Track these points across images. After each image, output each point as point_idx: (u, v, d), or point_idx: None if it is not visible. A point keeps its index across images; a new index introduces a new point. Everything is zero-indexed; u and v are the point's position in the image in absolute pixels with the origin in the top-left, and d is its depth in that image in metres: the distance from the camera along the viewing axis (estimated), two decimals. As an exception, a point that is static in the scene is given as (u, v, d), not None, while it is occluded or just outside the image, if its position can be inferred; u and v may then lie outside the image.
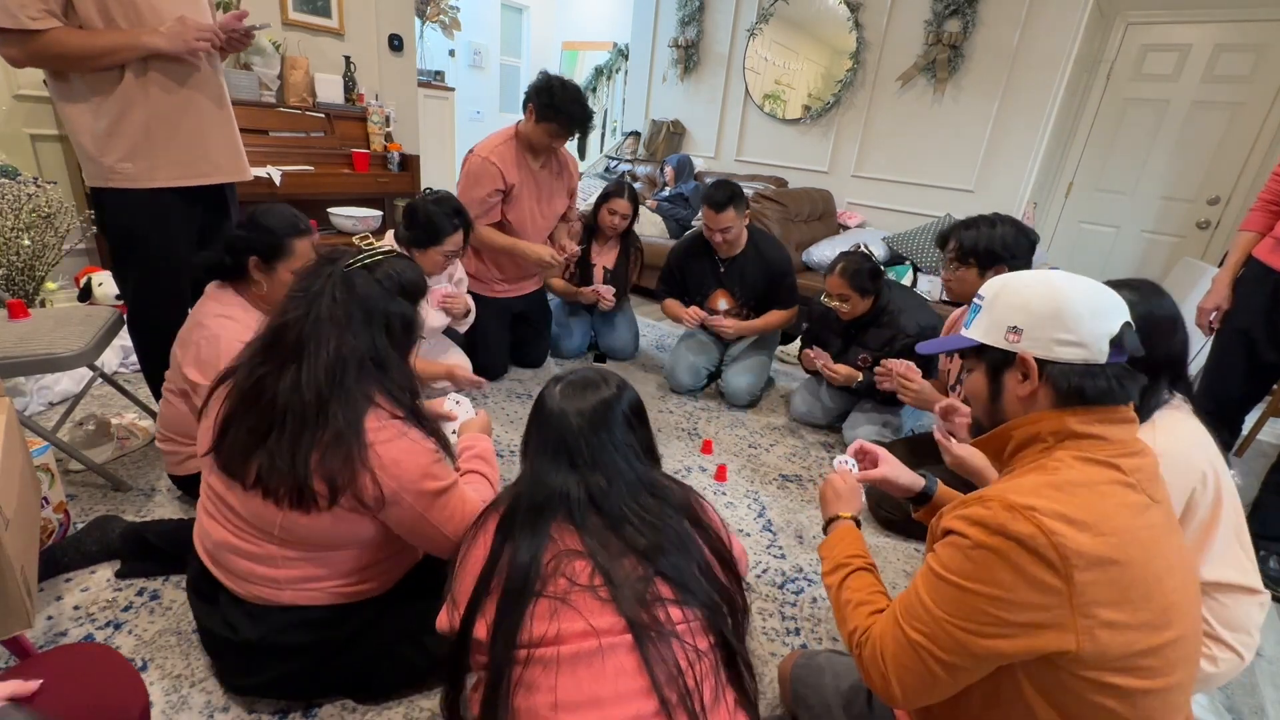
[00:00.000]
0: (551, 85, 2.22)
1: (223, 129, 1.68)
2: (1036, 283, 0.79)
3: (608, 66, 6.22)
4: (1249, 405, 1.93)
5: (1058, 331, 0.76)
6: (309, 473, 0.91)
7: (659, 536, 0.79)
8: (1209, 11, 3.36)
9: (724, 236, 2.39)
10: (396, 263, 1.06)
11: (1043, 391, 0.77)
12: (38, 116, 2.71)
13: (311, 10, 3.35)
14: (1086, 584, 0.64)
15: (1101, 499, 0.69)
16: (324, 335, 0.95)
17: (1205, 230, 3.56)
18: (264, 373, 0.96)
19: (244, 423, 0.97)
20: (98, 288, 2.55)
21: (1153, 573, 0.67)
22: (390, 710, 1.16)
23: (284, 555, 1.00)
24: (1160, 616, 0.67)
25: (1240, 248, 1.87)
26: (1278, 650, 1.61)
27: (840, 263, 2.13)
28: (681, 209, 4.19)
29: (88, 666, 0.73)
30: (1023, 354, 0.78)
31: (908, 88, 3.85)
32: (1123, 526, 0.67)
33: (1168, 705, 0.70)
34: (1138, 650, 0.66)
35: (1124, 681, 0.66)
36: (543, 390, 0.89)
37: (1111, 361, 0.75)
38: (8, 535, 0.93)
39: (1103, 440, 0.73)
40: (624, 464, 0.83)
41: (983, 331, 0.82)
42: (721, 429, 2.44)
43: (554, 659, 0.72)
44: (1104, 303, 0.76)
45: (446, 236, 1.94)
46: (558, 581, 0.75)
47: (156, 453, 1.86)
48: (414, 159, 3.58)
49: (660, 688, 0.70)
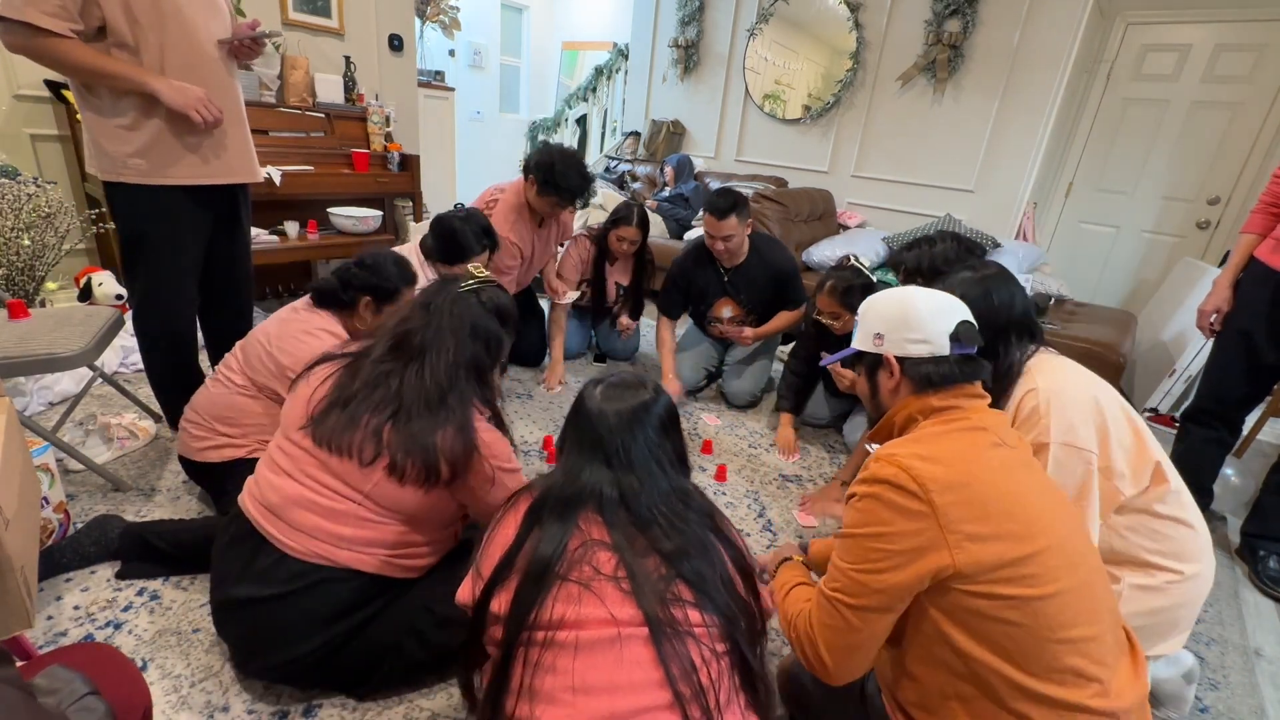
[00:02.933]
0: (552, 161, 2.25)
1: (236, 130, 1.70)
2: (892, 297, 0.98)
3: (608, 66, 6.21)
4: (1249, 406, 1.93)
5: (907, 332, 0.93)
6: (438, 455, 1.09)
7: (684, 541, 0.82)
8: (1209, 11, 3.36)
9: (725, 245, 2.36)
10: (494, 290, 1.26)
11: (904, 383, 0.95)
12: (38, 116, 2.71)
13: (311, 10, 3.35)
14: (947, 504, 0.77)
15: (951, 440, 0.85)
16: (445, 343, 1.15)
17: (1205, 230, 3.56)
18: (387, 369, 1.14)
19: (360, 407, 1.11)
20: (98, 288, 2.54)
21: (1006, 492, 0.80)
22: (390, 710, 1.16)
23: (360, 515, 1.10)
24: (1024, 528, 0.78)
25: (1241, 249, 1.87)
26: (1278, 650, 1.61)
27: (830, 280, 2.05)
28: (681, 209, 4.19)
29: (91, 666, 0.73)
30: (885, 354, 0.95)
31: (908, 88, 3.85)
32: (970, 457, 0.82)
33: (1065, 610, 0.77)
34: (1010, 559, 0.76)
35: (1010, 590, 0.76)
36: (582, 389, 0.94)
37: (954, 353, 0.92)
38: (8, 535, 0.93)
39: (958, 409, 0.90)
40: (656, 468, 0.87)
41: (859, 341, 1.01)
42: (721, 429, 2.44)
43: (574, 643, 0.73)
44: (943, 306, 0.95)
45: (473, 255, 1.98)
46: (583, 569, 0.78)
47: (157, 453, 1.86)
48: (414, 159, 3.58)
49: (674, 681, 0.72)
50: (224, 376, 1.54)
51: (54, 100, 2.66)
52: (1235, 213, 3.43)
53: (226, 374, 1.54)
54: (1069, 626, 0.77)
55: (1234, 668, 1.53)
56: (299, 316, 1.53)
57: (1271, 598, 1.80)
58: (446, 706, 1.19)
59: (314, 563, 1.08)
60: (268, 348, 1.49)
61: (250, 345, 1.53)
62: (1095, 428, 1.11)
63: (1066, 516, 0.85)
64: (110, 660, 0.82)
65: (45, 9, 1.36)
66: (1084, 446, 1.09)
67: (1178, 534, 1.15)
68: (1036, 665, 0.76)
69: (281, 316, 1.55)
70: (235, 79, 1.69)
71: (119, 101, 1.50)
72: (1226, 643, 1.61)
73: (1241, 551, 1.96)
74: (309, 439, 1.13)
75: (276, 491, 1.12)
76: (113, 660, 0.82)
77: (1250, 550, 1.92)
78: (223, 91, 1.64)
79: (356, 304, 1.53)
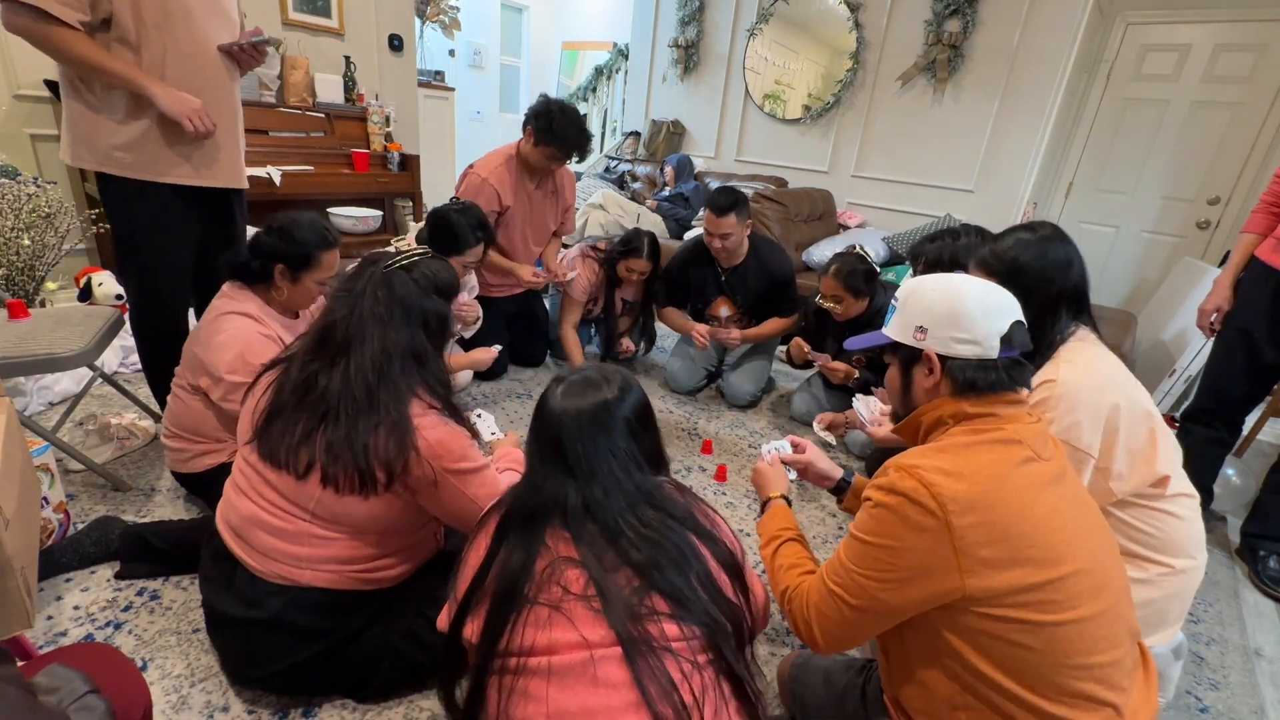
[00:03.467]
0: (551, 110, 2.24)
1: (229, 137, 1.70)
2: (940, 286, 0.89)
3: (608, 66, 6.21)
4: (1250, 406, 1.93)
5: (955, 330, 0.85)
6: (370, 460, 0.98)
7: (656, 552, 0.77)
8: (1209, 11, 3.36)
9: (723, 243, 2.35)
10: (431, 263, 1.14)
11: (944, 383, 0.87)
12: (38, 116, 2.71)
13: (311, 10, 3.35)
14: (965, 526, 0.73)
15: (978, 454, 0.79)
16: (368, 332, 1.03)
17: (1205, 230, 3.56)
18: (315, 369, 1.04)
19: (295, 414, 1.03)
20: (98, 288, 2.54)
21: (1033, 514, 0.74)
22: (390, 710, 1.16)
23: (311, 533, 1.04)
24: (1047, 553, 0.74)
25: (1242, 249, 1.87)
26: (1278, 650, 1.61)
27: (834, 264, 2.12)
28: (681, 209, 4.19)
29: (91, 666, 0.72)
30: (927, 350, 0.87)
31: (908, 88, 3.85)
32: (998, 475, 0.76)
33: (1085, 637, 0.74)
34: (1028, 585, 0.73)
35: (1025, 615, 0.73)
36: (545, 389, 0.86)
37: (1003, 356, 0.84)
38: (8, 535, 0.92)
39: (994, 416, 0.83)
40: (622, 473, 0.80)
41: (897, 330, 0.92)
42: (721, 429, 2.44)
43: (546, 669, 0.71)
44: (996, 305, 0.86)
45: (468, 248, 1.97)
46: (551, 589, 0.74)
47: (157, 452, 1.86)
48: (414, 159, 3.58)
49: (653, 703, 0.68)
50: (176, 385, 1.51)
51: (54, 100, 2.66)
52: (1235, 213, 3.43)
53: (177, 382, 1.51)
54: (1088, 653, 0.74)
55: (1234, 668, 1.53)
56: (217, 303, 1.45)
57: (1271, 598, 1.80)
58: (446, 706, 1.19)
59: (279, 584, 1.05)
60: (192, 345, 1.45)
61: (185, 347, 1.49)
62: (1103, 431, 1.09)
63: (1097, 535, 0.81)
64: (110, 660, 0.82)
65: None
66: (1083, 448, 1.08)
67: (1171, 527, 1.15)
68: (1049, 688, 0.73)
69: (210, 306, 1.48)
70: (236, 85, 1.69)
71: (109, 95, 1.49)
72: (1226, 643, 1.61)
73: (1241, 551, 1.96)
74: (255, 454, 1.06)
75: (236, 512, 1.08)
76: (113, 660, 0.82)
77: (1250, 550, 1.92)
78: (222, 96, 1.64)
79: (272, 274, 1.43)
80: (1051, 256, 1.15)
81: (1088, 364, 1.12)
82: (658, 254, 2.62)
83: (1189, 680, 1.46)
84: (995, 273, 1.20)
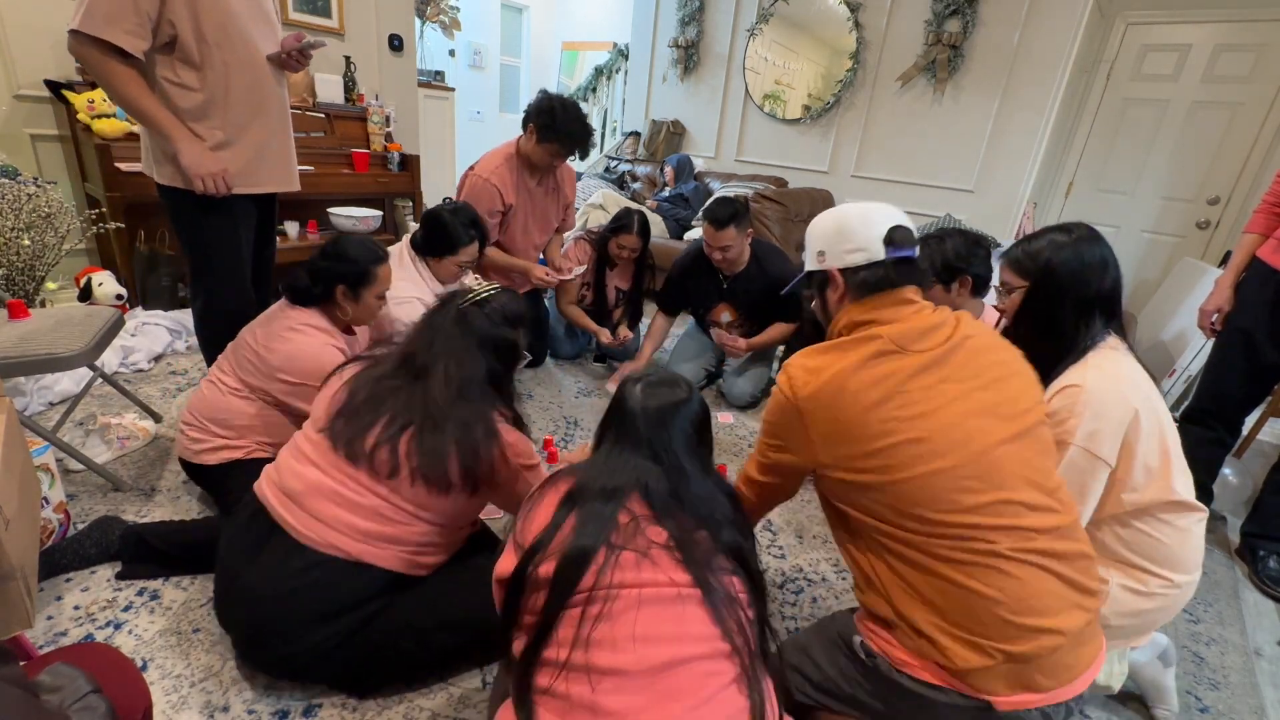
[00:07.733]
0: (553, 106, 2.22)
1: (284, 141, 1.78)
2: (828, 214, 1.06)
3: (608, 66, 6.22)
4: (1250, 406, 1.93)
5: (844, 243, 1.00)
6: (470, 462, 1.13)
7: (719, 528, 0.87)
8: (1209, 11, 3.36)
9: (724, 255, 2.34)
10: (501, 297, 1.28)
11: (847, 294, 1.01)
12: (38, 116, 2.71)
13: (311, 10, 3.35)
14: (809, 411, 0.93)
15: (841, 352, 0.95)
16: (445, 363, 1.17)
17: (1205, 230, 3.56)
18: (397, 384, 1.17)
19: (367, 417, 1.14)
20: (98, 288, 2.54)
21: (867, 398, 0.89)
22: (390, 710, 1.16)
23: (380, 511, 1.12)
24: (877, 429, 0.88)
25: (1243, 249, 1.87)
26: (1278, 650, 1.61)
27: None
28: (681, 209, 4.19)
29: (92, 667, 0.72)
30: (830, 270, 1.02)
31: (908, 88, 3.86)
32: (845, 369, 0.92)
33: (931, 487, 0.87)
34: (857, 454, 0.90)
35: (864, 478, 0.90)
36: (621, 386, 0.97)
37: (890, 256, 0.97)
38: (8, 535, 0.93)
39: (873, 322, 0.96)
40: (698, 465, 0.91)
41: (809, 263, 1.07)
42: (722, 429, 2.44)
43: (636, 599, 0.77)
44: (876, 214, 1.00)
45: (462, 247, 1.99)
46: (637, 540, 0.81)
47: (157, 452, 1.86)
48: (414, 159, 3.58)
49: (731, 635, 0.78)
50: (216, 378, 1.54)
51: (54, 100, 2.66)
52: (1235, 213, 3.43)
53: (219, 376, 1.54)
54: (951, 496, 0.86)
55: (1234, 668, 1.53)
56: (283, 315, 1.53)
57: (1271, 598, 1.80)
58: (446, 706, 1.19)
59: (326, 553, 1.09)
60: (256, 349, 1.50)
61: (240, 347, 1.54)
62: (1123, 442, 1.09)
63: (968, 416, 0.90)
64: (110, 660, 0.82)
65: (125, 27, 1.38)
66: (1103, 457, 1.07)
67: (1178, 541, 1.13)
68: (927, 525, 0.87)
69: (269, 315, 1.55)
70: (285, 91, 1.77)
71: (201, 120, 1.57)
72: (1226, 643, 1.61)
73: (1241, 551, 1.96)
74: (327, 440, 1.15)
75: (299, 479, 1.13)
76: (113, 660, 0.82)
77: (1250, 550, 1.92)
78: (276, 103, 1.71)
79: (333, 295, 1.52)
80: (1088, 258, 1.15)
81: (1114, 373, 1.11)
82: (647, 231, 2.63)
83: (1189, 680, 1.47)
84: (1028, 273, 1.20)
